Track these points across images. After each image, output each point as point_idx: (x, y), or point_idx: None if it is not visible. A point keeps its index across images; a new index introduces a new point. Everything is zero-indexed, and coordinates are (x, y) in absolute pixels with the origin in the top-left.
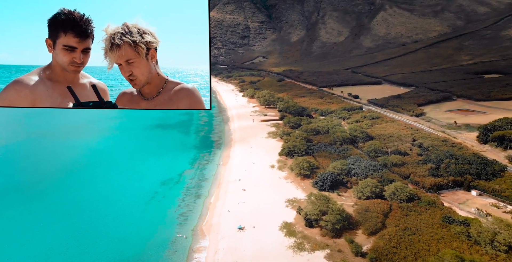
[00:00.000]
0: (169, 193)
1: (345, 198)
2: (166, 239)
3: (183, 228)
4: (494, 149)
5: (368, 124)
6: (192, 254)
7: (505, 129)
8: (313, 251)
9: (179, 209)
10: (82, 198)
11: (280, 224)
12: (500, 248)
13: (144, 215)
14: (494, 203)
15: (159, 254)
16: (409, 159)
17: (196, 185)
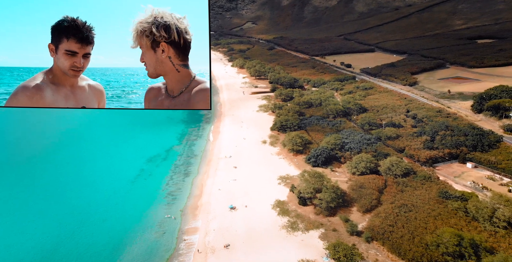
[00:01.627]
0: (156, 171)
1: (339, 174)
2: (153, 221)
3: (171, 208)
4: (488, 118)
5: (361, 95)
6: (181, 236)
7: (500, 98)
8: (307, 231)
9: (167, 188)
10: (63, 177)
11: (273, 202)
12: (499, 224)
13: (130, 195)
14: (490, 175)
15: (147, 237)
16: (403, 131)
17: (185, 162)
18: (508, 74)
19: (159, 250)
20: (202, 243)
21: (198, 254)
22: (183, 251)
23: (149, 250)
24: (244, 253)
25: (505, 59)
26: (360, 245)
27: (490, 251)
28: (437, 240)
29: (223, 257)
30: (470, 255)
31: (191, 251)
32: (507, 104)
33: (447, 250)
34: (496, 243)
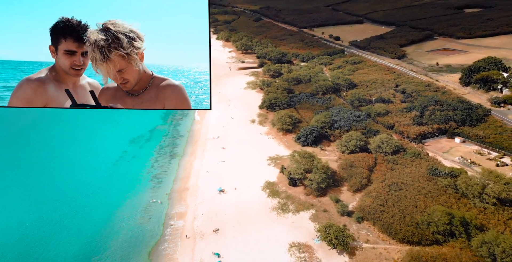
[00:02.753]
0: (140, 153)
1: (329, 153)
2: (138, 205)
3: (157, 192)
4: (476, 91)
5: (350, 70)
6: (168, 221)
7: (488, 70)
8: (297, 212)
9: (152, 170)
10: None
11: (263, 184)
12: (488, 200)
13: (113, 178)
14: (478, 150)
15: (132, 222)
16: (393, 107)
17: (170, 143)
18: (494, 45)
19: (145, 236)
20: (190, 228)
21: (186, 240)
22: (170, 237)
23: (134, 236)
24: (234, 237)
25: (492, 29)
26: (351, 225)
27: (480, 228)
28: (427, 219)
29: (212, 242)
30: (461, 233)
31: (178, 236)
32: (495, 76)
33: (437, 229)
34: (486, 219)
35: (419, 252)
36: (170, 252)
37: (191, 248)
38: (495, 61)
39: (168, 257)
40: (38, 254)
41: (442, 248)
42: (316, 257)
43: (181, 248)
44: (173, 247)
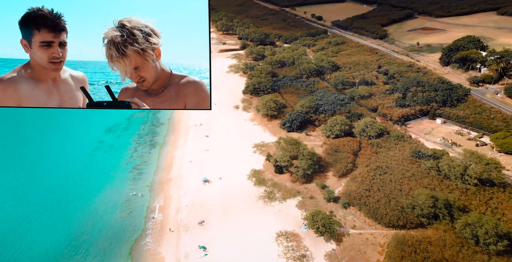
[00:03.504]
0: (118, 142)
1: (314, 138)
2: (118, 199)
3: (137, 184)
4: (455, 71)
5: (333, 51)
6: (150, 214)
7: (468, 49)
8: (284, 200)
9: (131, 161)
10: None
11: (249, 172)
12: (470, 181)
13: (89, 170)
14: (458, 130)
15: (111, 217)
16: (376, 89)
17: (150, 132)
18: (472, 23)
19: (126, 231)
20: (174, 221)
21: (170, 234)
22: (152, 231)
23: (114, 232)
24: (220, 229)
25: (469, 7)
26: (337, 211)
27: (462, 209)
28: (412, 203)
29: (197, 235)
30: (444, 216)
31: (161, 230)
32: (473, 55)
33: (422, 212)
34: (468, 200)
35: (405, 236)
36: (153, 247)
37: (175, 242)
38: (473, 40)
39: (151, 252)
40: (12, 252)
41: (426, 231)
42: (304, 246)
43: (164, 243)
44: (156, 242)
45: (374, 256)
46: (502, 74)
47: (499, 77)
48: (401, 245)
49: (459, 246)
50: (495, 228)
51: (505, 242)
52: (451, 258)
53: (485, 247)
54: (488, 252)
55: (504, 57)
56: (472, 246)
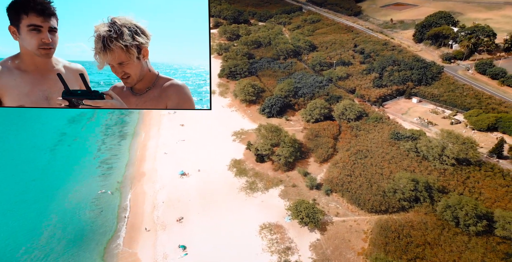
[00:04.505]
0: (83, 135)
1: (294, 123)
2: (86, 198)
3: (107, 180)
4: (428, 47)
5: (309, 30)
6: (122, 213)
7: (439, 25)
8: (266, 190)
9: (99, 155)
10: None
11: (229, 162)
12: (448, 162)
13: (51, 167)
14: (433, 109)
15: (79, 218)
16: (353, 69)
17: (119, 121)
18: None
19: (96, 233)
20: (150, 219)
21: (146, 233)
22: (126, 231)
23: (83, 234)
24: (200, 225)
25: None
26: (320, 199)
27: (442, 191)
28: (393, 187)
29: (176, 234)
30: (425, 198)
31: (136, 230)
32: (445, 31)
33: (403, 196)
34: (446, 181)
35: (388, 221)
36: (127, 249)
37: (152, 242)
38: (445, 15)
39: (125, 255)
40: None
41: (408, 214)
42: (288, 238)
43: (140, 244)
44: (130, 243)
45: (359, 243)
46: (473, 50)
47: (470, 53)
48: (385, 231)
49: (440, 228)
50: (475, 209)
51: (484, 222)
52: (433, 242)
53: (465, 228)
54: (468, 233)
55: (475, 32)
56: (453, 227)
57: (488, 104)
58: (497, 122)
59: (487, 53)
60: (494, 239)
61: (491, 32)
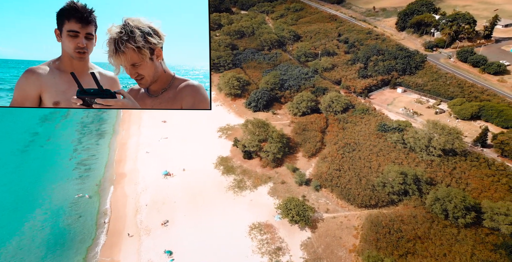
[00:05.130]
0: (57, 134)
1: (281, 117)
2: (63, 202)
3: (85, 184)
4: (411, 36)
5: (293, 18)
6: (102, 218)
7: (421, 12)
8: (255, 188)
9: (76, 156)
10: None
11: (215, 160)
12: (435, 153)
13: (22, 170)
14: (418, 98)
15: (55, 226)
16: (338, 59)
17: (96, 119)
18: None
19: (74, 241)
20: (133, 223)
21: (129, 239)
22: (107, 238)
23: (61, 243)
24: (187, 228)
25: None
26: (309, 195)
27: (429, 183)
28: (382, 180)
29: (161, 238)
30: (414, 191)
31: (118, 236)
32: (427, 19)
33: (392, 189)
34: (434, 173)
35: (378, 216)
36: (109, 256)
37: (136, 249)
38: (426, 2)
39: None
40: None
41: (397, 208)
42: (279, 237)
43: (123, 250)
44: (112, 251)
45: (350, 240)
46: (454, 37)
47: (451, 41)
48: (375, 226)
49: (429, 221)
50: (463, 201)
51: (472, 214)
52: (424, 235)
53: (454, 221)
54: (457, 225)
55: (456, 20)
56: (442, 220)
57: (471, 93)
58: (480, 111)
59: (467, 41)
60: (482, 231)
61: (471, 19)
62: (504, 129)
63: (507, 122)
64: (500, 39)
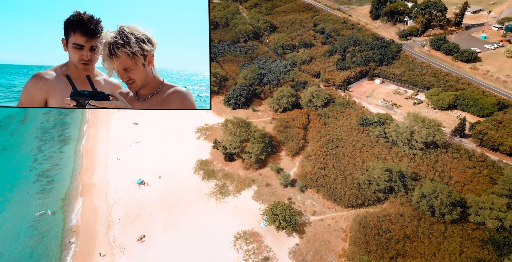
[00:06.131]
0: (13, 142)
1: (262, 113)
2: (21, 222)
3: (48, 198)
4: (385, 24)
5: (267, 8)
6: (68, 237)
7: (395, 1)
8: (238, 193)
9: (35, 166)
10: None
11: (194, 164)
12: (417, 146)
13: None
14: (396, 89)
15: (14, 248)
16: (315, 51)
17: (58, 123)
18: None
19: None
20: (105, 241)
21: (101, 260)
22: (73, 260)
23: None
24: (166, 243)
25: None
26: (295, 197)
27: (414, 178)
28: (368, 178)
29: (138, 256)
30: (399, 188)
31: (88, 256)
32: (400, 7)
33: (378, 187)
34: (417, 167)
35: (366, 217)
36: None
37: None
38: None
39: None
40: None
41: (384, 206)
42: (266, 246)
43: None
44: None
45: (339, 244)
46: (427, 25)
47: (424, 29)
48: (364, 228)
49: (417, 219)
50: (449, 197)
51: (458, 209)
52: (412, 234)
53: (441, 217)
54: (444, 222)
55: (428, 7)
56: (429, 217)
57: (446, 82)
58: (457, 100)
59: (439, 28)
60: (469, 226)
61: (442, 6)
62: (480, 118)
63: (482, 110)
64: (469, 26)
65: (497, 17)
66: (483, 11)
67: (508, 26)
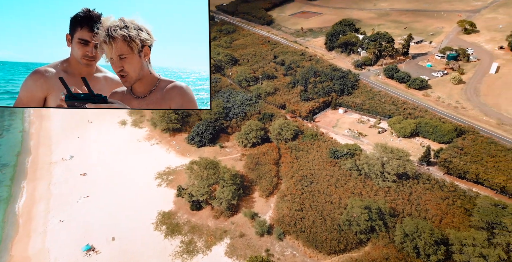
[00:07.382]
0: None
1: (230, 150)
2: None
3: None
4: (340, 55)
5: (227, 41)
6: None
7: (345, 32)
8: (209, 250)
9: None
10: None
11: (155, 218)
12: (390, 178)
13: None
14: (359, 118)
15: None
16: (278, 83)
17: None
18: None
19: None
20: None
21: None
22: None
23: None
24: None
25: None
26: (274, 247)
27: (392, 214)
28: (347, 218)
29: None
30: (380, 227)
31: None
32: (353, 39)
33: (359, 228)
34: (393, 201)
35: None
36: None
37: None
38: (348, 23)
39: None
40: None
41: (367, 248)
42: None
43: None
44: None
45: None
46: (379, 55)
47: (376, 59)
48: None
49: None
50: (432, 235)
51: (442, 248)
52: None
53: (426, 258)
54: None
55: (377, 39)
56: (415, 259)
57: (405, 109)
58: (417, 128)
59: (389, 58)
60: None
61: (390, 38)
62: (441, 144)
63: (442, 137)
64: (415, 55)
65: (438, 46)
66: (425, 42)
67: (449, 55)
